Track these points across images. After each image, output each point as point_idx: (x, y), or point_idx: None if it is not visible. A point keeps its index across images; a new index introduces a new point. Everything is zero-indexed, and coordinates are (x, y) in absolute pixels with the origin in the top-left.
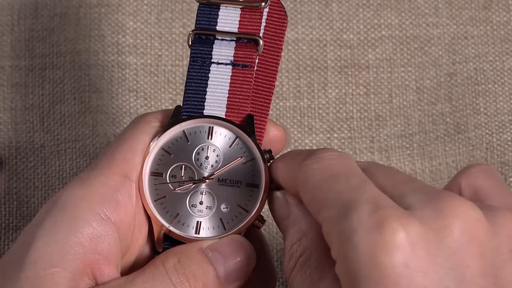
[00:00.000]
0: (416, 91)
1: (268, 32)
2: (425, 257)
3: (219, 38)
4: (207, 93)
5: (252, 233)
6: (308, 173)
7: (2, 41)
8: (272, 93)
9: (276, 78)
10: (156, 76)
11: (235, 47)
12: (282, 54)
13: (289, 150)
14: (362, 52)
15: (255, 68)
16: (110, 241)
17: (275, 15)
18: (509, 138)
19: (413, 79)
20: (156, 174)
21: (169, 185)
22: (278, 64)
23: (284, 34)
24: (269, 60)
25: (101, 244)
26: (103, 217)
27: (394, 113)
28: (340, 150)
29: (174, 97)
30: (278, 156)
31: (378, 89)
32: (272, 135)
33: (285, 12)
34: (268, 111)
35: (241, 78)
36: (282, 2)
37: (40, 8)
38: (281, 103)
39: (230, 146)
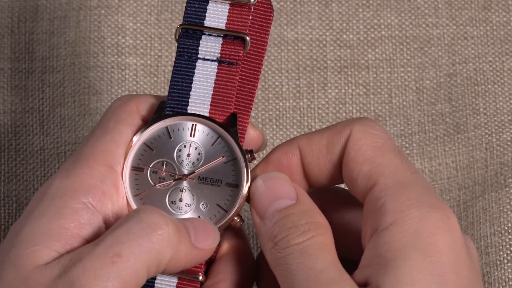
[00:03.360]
0: (415, 91)
1: (254, 26)
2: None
3: (206, 33)
4: (192, 90)
5: (232, 230)
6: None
7: (2, 43)
8: (256, 89)
9: (260, 74)
10: (156, 77)
11: (221, 44)
12: (282, 54)
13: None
14: (362, 52)
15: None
16: (95, 229)
17: (261, 9)
18: (509, 138)
19: (413, 79)
20: (137, 169)
21: (150, 180)
22: (263, 59)
23: (270, 29)
24: (254, 55)
25: (85, 231)
26: (89, 206)
27: (393, 113)
28: None
29: None
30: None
31: (377, 89)
32: (250, 136)
33: (271, 6)
34: (251, 108)
35: (226, 77)
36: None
37: (40, 11)
38: (280, 103)
39: (212, 145)
